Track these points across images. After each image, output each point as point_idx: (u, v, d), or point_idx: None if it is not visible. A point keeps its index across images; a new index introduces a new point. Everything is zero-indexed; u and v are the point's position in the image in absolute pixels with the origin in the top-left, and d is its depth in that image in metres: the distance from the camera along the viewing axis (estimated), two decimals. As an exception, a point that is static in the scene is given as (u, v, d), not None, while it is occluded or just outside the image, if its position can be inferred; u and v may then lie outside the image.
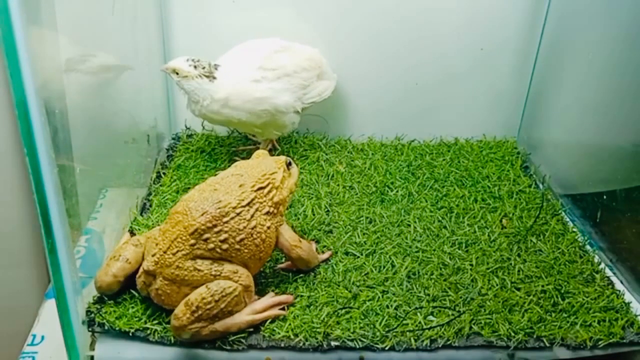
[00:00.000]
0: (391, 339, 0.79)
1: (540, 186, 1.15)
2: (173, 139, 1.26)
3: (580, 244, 0.99)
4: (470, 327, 0.81)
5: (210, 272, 0.76)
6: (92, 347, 0.78)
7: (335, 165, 1.17)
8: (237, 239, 0.78)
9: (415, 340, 0.79)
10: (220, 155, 1.19)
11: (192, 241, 0.77)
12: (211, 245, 0.77)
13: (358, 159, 1.20)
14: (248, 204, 0.80)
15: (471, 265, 0.92)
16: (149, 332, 0.77)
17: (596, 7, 1.05)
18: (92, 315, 0.78)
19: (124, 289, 0.82)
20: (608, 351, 0.80)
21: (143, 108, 1.16)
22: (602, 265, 0.95)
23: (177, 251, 0.77)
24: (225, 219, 0.78)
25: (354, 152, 1.23)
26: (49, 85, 0.71)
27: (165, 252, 0.77)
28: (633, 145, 0.98)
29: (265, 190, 0.83)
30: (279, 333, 0.78)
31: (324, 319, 0.80)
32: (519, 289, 0.88)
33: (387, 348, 0.78)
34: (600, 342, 0.80)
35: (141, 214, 1.01)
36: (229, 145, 1.23)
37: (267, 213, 0.82)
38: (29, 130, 0.64)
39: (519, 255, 0.95)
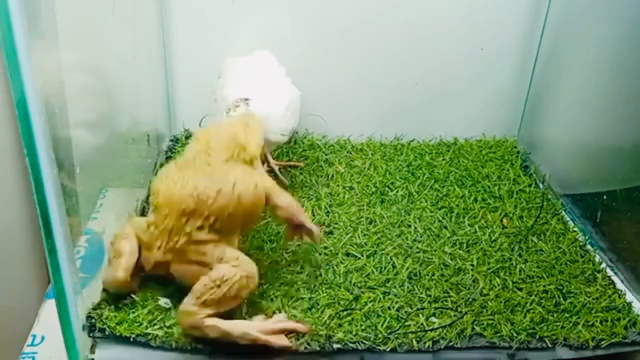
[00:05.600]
0: (393, 340, 0.79)
1: (541, 186, 1.15)
2: (172, 140, 1.26)
3: (581, 243, 0.99)
4: (473, 328, 0.80)
5: (213, 255, 0.77)
6: (92, 350, 0.78)
7: (335, 166, 1.17)
8: (226, 214, 0.78)
9: (418, 342, 0.79)
10: (219, 156, 1.18)
11: (188, 229, 0.77)
12: (206, 230, 0.78)
13: (357, 159, 1.20)
14: (222, 168, 0.81)
15: (472, 265, 0.92)
16: (150, 337, 0.76)
17: (596, 7, 1.05)
18: (93, 320, 0.77)
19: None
20: (610, 351, 0.80)
21: (143, 108, 1.15)
22: (604, 265, 0.95)
23: (177, 240, 0.78)
24: (209, 202, 0.77)
25: (353, 152, 1.23)
26: (49, 85, 0.70)
27: (168, 243, 0.78)
28: (633, 145, 0.98)
29: (235, 157, 0.83)
30: (281, 336, 0.78)
31: (325, 321, 0.80)
32: (520, 289, 0.88)
33: (389, 350, 0.78)
34: (602, 342, 0.80)
35: (142, 216, 1.01)
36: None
37: (244, 170, 0.82)
38: (29, 130, 0.63)
39: (520, 255, 0.95)
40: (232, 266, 0.77)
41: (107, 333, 0.77)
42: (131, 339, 0.76)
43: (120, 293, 0.81)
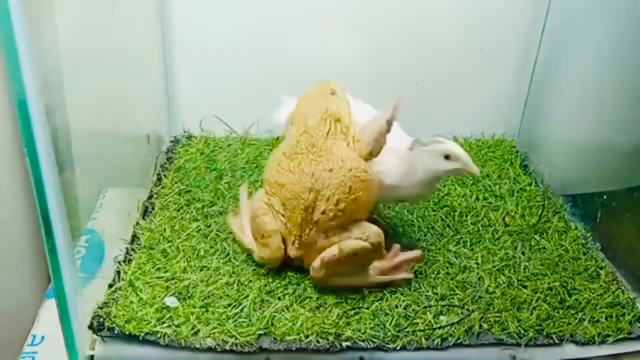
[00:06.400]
0: (402, 338, 0.78)
1: (541, 185, 1.15)
2: (172, 141, 1.25)
3: (583, 241, 1.00)
4: (480, 325, 0.81)
5: (341, 239, 0.82)
6: (92, 346, 0.77)
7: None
8: (347, 192, 0.81)
9: (426, 339, 0.79)
10: (220, 157, 1.18)
11: (315, 218, 0.81)
12: (331, 215, 0.81)
13: (359, 159, 1.20)
14: (332, 154, 0.83)
15: (477, 263, 0.92)
16: (158, 335, 0.76)
17: (596, 7, 1.06)
18: (101, 319, 0.77)
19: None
20: (617, 347, 0.81)
21: (143, 109, 1.14)
22: (606, 262, 0.96)
23: (309, 231, 0.83)
24: (327, 184, 0.81)
25: (354, 152, 1.23)
26: (49, 85, 0.70)
27: (300, 237, 0.83)
28: (633, 145, 0.99)
29: (332, 130, 0.85)
30: (289, 335, 0.77)
31: (334, 320, 0.80)
32: (525, 287, 0.88)
33: (398, 348, 0.78)
34: (608, 338, 0.81)
35: (143, 218, 1.00)
36: (228, 146, 1.22)
37: (348, 147, 0.85)
38: (29, 130, 0.63)
39: (523, 253, 0.95)
40: (362, 239, 0.82)
41: (115, 332, 0.76)
42: (140, 338, 0.75)
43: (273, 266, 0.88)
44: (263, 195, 0.89)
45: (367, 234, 0.82)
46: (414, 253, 0.86)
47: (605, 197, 1.02)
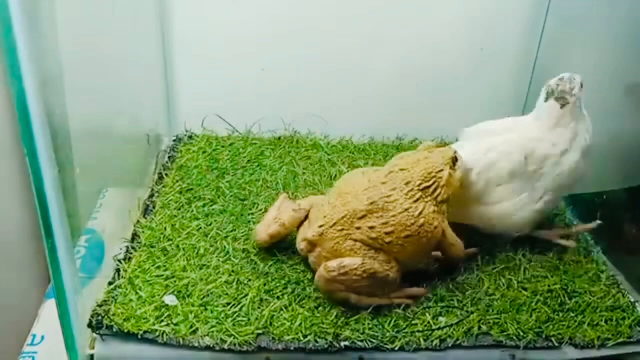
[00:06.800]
0: (400, 339, 0.78)
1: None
2: (174, 140, 1.25)
3: (584, 244, 0.99)
4: (480, 327, 0.81)
5: (365, 257, 0.80)
6: (91, 345, 0.78)
7: (338, 166, 1.16)
8: (403, 235, 0.80)
9: (425, 341, 0.79)
10: (222, 156, 1.18)
11: (358, 225, 0.81)
12: (374, 235, 0.80)
13: (360, 159, 1.20)
14: (416, 202, 0.82)
15: (477, 265, 0.92)
16: (157, 334, 0.76)
17: (596, 7, 1.06)
18: (100, 317, 0.77)
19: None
20: (617, 350, 0.81)
21: (143, 108, 1.14)
22: (607, 265, 0.95)
23: (342, 229, 0.82)
24: (392, 213, 0.80)
25: (355, 152, 1.23)
26: (49, 85, 0.70)
27: (331, 227, 0.82)
28: (633, 145, 0.99)
29: (431, 190, 0.84)
30: (288, 334, 0.77)
31: (333, 320, 0.80)
32: (525, 289, 0.88)
33: (397, 348, 0.78)
34: (608, 342, 0.81)
35: (144, 216, 1.00)
36: (230, 145, 1.22)
37: (434, 212, 0.83)
38: (29, 130, 0.63)
39: (524, 256, 0.95)
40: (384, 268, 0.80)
41: (114, 330, 0.76)
42: (139, 336, 0.75)
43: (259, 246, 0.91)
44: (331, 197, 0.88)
45: (392, 265, 0.81)
46: (421, 290, 0.85)
47: (605, 197, 1.02)
